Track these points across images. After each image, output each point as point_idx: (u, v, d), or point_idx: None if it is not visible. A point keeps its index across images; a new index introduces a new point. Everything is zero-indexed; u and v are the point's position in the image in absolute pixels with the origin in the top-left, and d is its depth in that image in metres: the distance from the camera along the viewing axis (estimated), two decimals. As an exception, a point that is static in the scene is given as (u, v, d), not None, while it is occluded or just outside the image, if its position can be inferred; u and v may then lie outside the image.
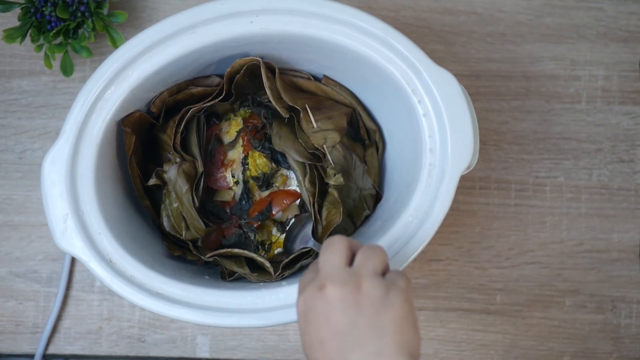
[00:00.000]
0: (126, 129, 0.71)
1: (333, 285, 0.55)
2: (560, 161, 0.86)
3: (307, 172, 0.75)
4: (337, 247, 0.58)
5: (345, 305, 0.55)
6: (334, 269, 0.57)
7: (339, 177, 0.75)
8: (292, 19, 0.69)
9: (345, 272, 0.57)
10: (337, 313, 0.55)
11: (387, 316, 0.55)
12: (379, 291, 0.56)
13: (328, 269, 0.57)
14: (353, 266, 0.57)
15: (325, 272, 0.57)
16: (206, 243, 0.78)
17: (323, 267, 0.57)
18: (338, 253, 0.58)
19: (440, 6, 0.85)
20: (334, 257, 0.58)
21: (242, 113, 0.79)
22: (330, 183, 0.76)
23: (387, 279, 0.57)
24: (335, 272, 0.56)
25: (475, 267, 0.85)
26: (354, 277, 0.56)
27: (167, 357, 0.85)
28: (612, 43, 0.86)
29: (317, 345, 0.56)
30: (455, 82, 0.68)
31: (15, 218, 0.85)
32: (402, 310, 0.56)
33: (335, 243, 0.59)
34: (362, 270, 0.57)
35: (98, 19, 0.79)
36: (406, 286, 0.57)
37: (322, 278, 0.56)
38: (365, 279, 0.56)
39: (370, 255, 0.58)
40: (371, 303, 0.55)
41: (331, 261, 0.57)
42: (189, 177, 0.74)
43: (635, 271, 0.86)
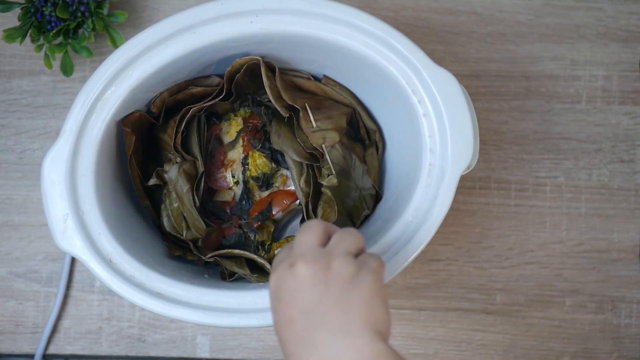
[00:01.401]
0: (126, 129, 0.71)
1: (304, 262, 0.56)
2: (560, 161, 0.86)
3: (303, 172, 0.76)
4: (313, 229, 0.59)
5: (314, 282, 0.55)
6: (307, 248, 0.57)
7: (332, 178, 0.76)
8: (292, 19, 0.69)
9: (317, 251, 0.57)
10: (305, 290, 0.55)
11: (356, 293, 0.55)
12: (349, 270, 0.56)
13: (301, 248, 0.58)
14: (327, 247, 0.58)
15: (298, 251, 0.57)
16: (206, 243, 0.78)
17: (297, 247, 0.58)
18: (313, 234, 0.59)
19: (440, 6, 0.85)
20: (308, 237, 0.58)
21: (242, 113, 0.79)
22: (323, 184, 0.76)
23: (359, 259, 0.58)
24: (307, 251, 0.57)
25: (475, 267, 0.85)
26: (326, 256, 0.57)
27: (167, 357, 0.85)
28: (612, 43, 0.86)
29: (285, 323, 0.56)
30: (455, 82, 0.68)
31: (15, 218, 0.85)
32: (371, 289, 0.56)
33: (312, 225, 0.60)
34: (335, 249, 0.57)
35: (98, 19, 0.79)
36: (378, 267, 0.58)
37: (294, 256, 0.57)
38: (337, 257, 0.57)
39: (345, 237, 0.59)
40: (340, 281, 0.55)
41: (305, 241, 0.58)
42: (189, 177, 0.74)
43: (635, 271, 0.86)
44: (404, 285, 0.85)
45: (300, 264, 0.56)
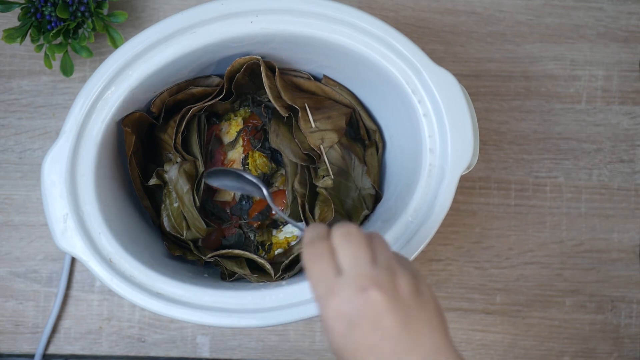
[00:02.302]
0: (126, 129, 0.71)
1: (377, 288, 0.53)
2: (560, 161, 0.86)
3: (297, 173, 0.76)
4: (359, 240, 0.55)
5: (393, 307, 0.53)
6: (368, 267, 0.54)
7: (327, 180, 0.76)
8: (292, 19, 0.69)
9: (379, 270, 0.54)
10: (387, 316, 0.53)
11: (429, 310, 0.54)
12: (412, 284, 0.54)
13: (361, 268, 0.54)
14: (378, 260, 0.54)
15: (359, 272, 0.53)
16: (206, 243, 0.78)
17: (354, 265, 0.54)
18: (362, 247, 0.55)
19: (440, 6, 0.85)
20: (360, 252, 0.54)
21: (242, 113, 0.79)
22: (318, 185, 0.76)
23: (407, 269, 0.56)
24: (371, 272, 0.53)
25: (475, 267, 0.85)
26: (389, 274, 0.54)
27: (167, 357, 0.85)
28: (612, 43, 0.86)
29: (365, 350, 0.53)
30: (455, 82, 0.68)
31: (15, 218, 0.85)
32: (434, 298, 0.55)
33: (353, 234, 0.55)
34: (391, 264, 0.54)
35: (98, 19, 0.79)
36: (417, 270, 0.57)
37: (358, 278, 0.53)
38: (397, 273, 0.54)
39: (384, 246, 0.56)
40: (413, 299, 0.54)
41: (359, 256, 0.54)
42: (190, 176, 0.74)
43: (635, 271, 0.86)
44: (404, 285, 0.85)
45: (374, 291, 0.52)
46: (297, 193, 0.75)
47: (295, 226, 0.68)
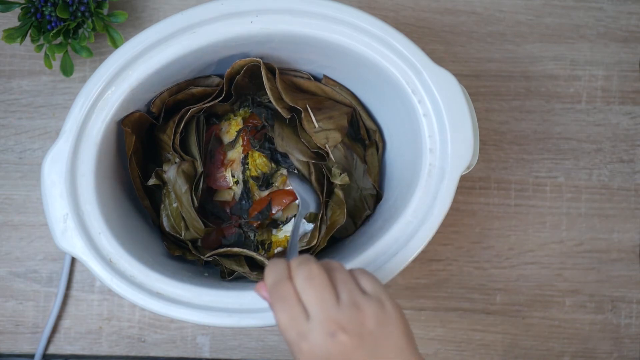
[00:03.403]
0: (126, 129, 0.71)
1: (344, 331, 0.56)
2: (560, 161, 0.86)
3: (312, 172, 0.76)
4: (321, 281, 0.58)
5: (361, 343, 0.57)
6: (333, 310, 0.57)
7: (344, 177, 0.75)
8: (292, 19, 0.69)
9: (344, 310, 0.57)
10: (356, 353, 0.56)
11: (396, 333, 0.58)
12: (377, 315, 0.57)
13: (326, 311, 0.57)
14: (342, 299, 0.57)
15: (326, 317, 0.57)
16: (206, 243, 0.78)
17: (320, 310, 0.57)
18: (326, 289, 0.57)
19: (440, 6, 0.85)
20: (324, 294, 0.57)
21: (241, 113, 0.79)
22: (337, 182, 0.76)
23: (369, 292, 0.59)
24: (336, 315, 0.57)
25: (475, 267, 0.85)
26: (354, 312, 0.57)
27: (167, 357, 0.85)
28: (612, 43, 0.86)
29: None
30: (455, 82, 0.68)
31: (15, 218, 0.85)
32: (397, 315, 0.58)
33: (315, 276, 0.58)
34: (354, 300, 0.57)
35: (98, 19, 0.79)
36: (380, 286, 0.59)
37: (326, 323, 0.56)
38: (361, 309, 0.57)
39: (345, 279, 0.59)
40: (380, 325, 0.57)
41: (324, 300, 0.57)
42: (188, 177, 0.74)
43: (635, 271, 0.86)
44: (404, 285, 0.85)
45: (341, 335, 0.56)
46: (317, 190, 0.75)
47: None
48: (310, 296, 0.57)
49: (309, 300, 0.57)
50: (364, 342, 0.56)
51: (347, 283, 0.58)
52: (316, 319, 0.57)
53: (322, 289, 0.57)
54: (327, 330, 0.56)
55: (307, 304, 0.57)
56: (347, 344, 0.56)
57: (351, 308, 0.57)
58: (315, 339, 0.56)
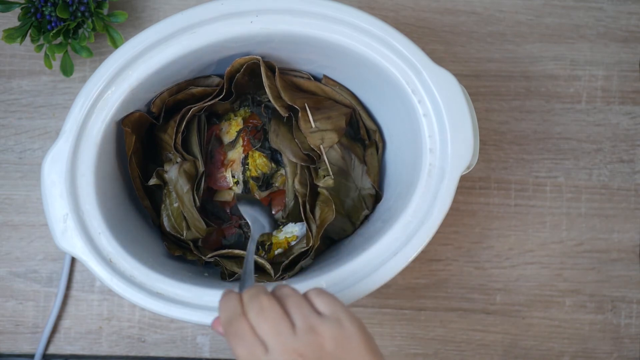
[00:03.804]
0: (126, 128, 0.71)
1: (303, 358, 0.56)
2: (560, 161, 0.86)
3: (297, 173, 0.76)
4: (273, 312, 0.58)
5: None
6: (289, 339, 0.57)
7: (327, 180, 0.76)
8: (292, 19, 0.69)
9: (301, 337, 0.57)
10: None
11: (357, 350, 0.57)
12: (334, 335, 0.57)
13: (283, 342, 0.56)
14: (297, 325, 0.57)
15: (283, 347, 0.56)
16: (206, 243, 0.78)
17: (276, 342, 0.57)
18: (279, 319, 0.57)
19: (440, 6, 0.85)
20: (278, 325, 0.57)
21: (242, 113, 0.79)
22: (319, 185, 0.76)
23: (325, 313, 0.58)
24: (293, 343, 0.56)
25: (475, 267, 0.85)
26: (311, 337, 0.57)
27: (167, 357, 0.85)
28: (612, 43, 0.86)
29: None
30: (455, 82, 0.68)
31: (15, 218, 0.85)
32: (357, 328, 0.58)
33: (266, 308, 0.58)
34: (309, 324, 0.57)
35: (98, 19, 0.79)
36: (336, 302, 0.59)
37: (284, 354, 0.56)
38: (318, 332, 0.57)
39: (297, 304, 0.58)
40: (339, 349, 0.57)
41: (279, 331, 0.57)
42: (189, 176, 0.74)
43: (635, 271, 0.86)
44: (404, 285, 0.85)
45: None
46: (297, 193, 0.75)
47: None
48: (265, 329, 0.57)
49: (264, 333, 0.57)
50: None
51: (301, 308, 0.58)
52: (274, 351, 0.56)
53: (275, 320, 0.57)
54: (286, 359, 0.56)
55: (264, 337, 0.57)
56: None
57: (307, 333, 0.57)
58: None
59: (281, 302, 0.59)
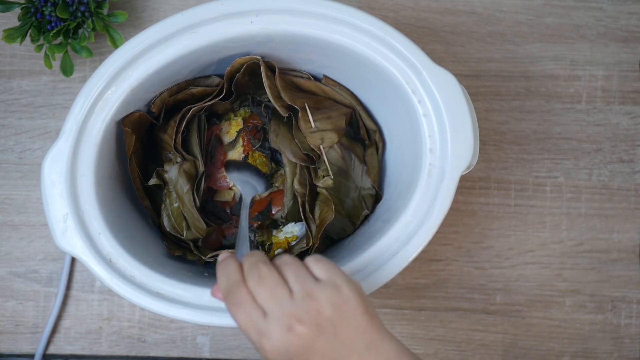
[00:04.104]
0: (126, 128, 0.71)
1: (299, 323, 0.57)
2: (560, 161, 0.86)
3: (296, 173, 0.76)
4: (272, 279, 0.59)
5: (320, 331, 0.58)
6: (287, 305, 0.58)
7: (327, 180, 0.76)
8: (292, 19, 0.69)
9: (298, 302, 0.58)
10: (317, 340, 0.58)
11: (354, 315, 0.58)
12: (332, 300, 0.58)
13: (281, 307, 0.58)
14: (294, 292, 0.58)
15: (281, 312, 0.58)
16: (206, 243, 0.78)
17: (274, 307, 0.58)
18: (277, 285, 0.58)
19: (440, 6, 0.85)
20: (276, 291, 0.58)
21: (242, 113, 0.79)
22: (318, 185, 0.76)
23: (322, 279, 0.59)
24: (290, 309, 0.58)
25: (475, 267, 0.85)
26: (308, 302, 0.58)
27: (167, 357, 0.85)
28: (612, 43, 0.86)
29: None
30: (455, 82, 0.68)
31: (15, 218, 0.85)
32: (354, 291, 0.59)
33: (265, 276, 0.59)
34: (307, 290, 0.58)
35: (98, 19, 0.79)
36: (334, 268, 0.60)
37: (282, 319, 0.57)
38: (315, 297, 0.58)
39: (295, 271, 0.59)
40: (337, 314, 0.58)
41: (277, 297, 0.58)
42: (190, 176, 0.74)
43: (635, 271, 0.86)
44: (404, 285, 0.85)
45: (299, 327, 0.57)
46: (297, 193, 0.75)
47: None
48: (263, 296, 0.58)
49: (263, 299, 0.58)
50: (323, 330, 0.58)
51: (298, 275, 0.59)
52: (272, 315, 0.58)
53: (273, 286, 0.58)
54: (284, 324, 0.57)
55: (262, 303, 0.58)
56: (306, 335, 0.57)
57: (305, 299, 0.58)
58: (274, 335, 0.57)
59: (280, 270, 0.60)
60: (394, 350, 0.59)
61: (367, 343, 0.59)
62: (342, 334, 0.58)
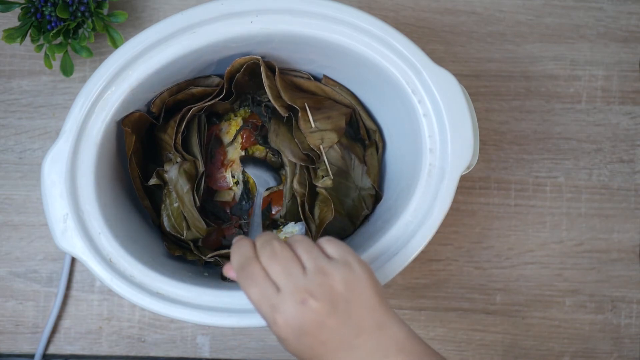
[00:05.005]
0: (126, 128, 0.71)
1: (312, 297, 0.58)
2: (560, 161, 0.86)
3: (296, 173, 0.76)
4: (285, 255, 0.59)
5: (332, 306, 0.58)
6: (300, 280, 0.58)
7: (326, 180, 0.76)
8: (292, 19, 0.69)
9: (311, 278, 0.58)
10: (329, 317, 0.58)
11: (365, 293, 0.59)
12: (344, 278, 0.59)
13: (294, 282, 0.58)
14: (307, 268, 0.59)
15: (294, 287, 0.58)
16: (206, 243, 0.78)
17: (287, 282, 0.58)
18: (290, 261, 0.59)
19: (440, 6, 0.85)
20: (289, 267, 0.59)
21: (242, 113, 0.79)
22: (318, 185, 0.76)
23: (334, 257, 0.60)
24: (304, 283, 0.58)
25: (475, 267, 0.85)
26: (321, 278, 0.58)
27: (167, 357, 0.85)
28: (612, 43, 0.86)
29: (318, 346, 0.59)
30: (455, 82, 0.68)
31: (15, 218, 0.85)
32: (365, 272, 0.60)
33: (277, 252, 0.60)
34: (319, 266, 0.59)
35: (98, 19, 0.79)
36: (345, 247, 0.61)
37: (295, 293, 0.58)
38: (328, 274, 0.59)
39: (308, 249, 0.60)
40: (348, 288, 0.59)
41: (291, 273, 0.59)
42: (190, 176, 0.74)
43: (635, 271, 0.86)
44: (404, 285, 0.85)
45: (311, 301, 0.58)
46: (296, 193, 0.76)
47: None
48: (276, 271, 0.59)
49: (276, 274, 0.59)
50: (336, 305, 0.58)
51: (311, 252, 0.60)
52: (286, 290, 0.58)
53: (286, 262, 0.59)
54: (297, 299, 0.58)
55: (275, 278, 0.59)
56: (319, 309, 0.58)
57: (318, 274, 0.58)
58: (287, 309, 0.58)
59: (292, 248, 0.60)
60: (403, 333, 0.60)
61: (377, 323, 0.59)
62: (354, 312, 0.58)
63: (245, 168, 0.77)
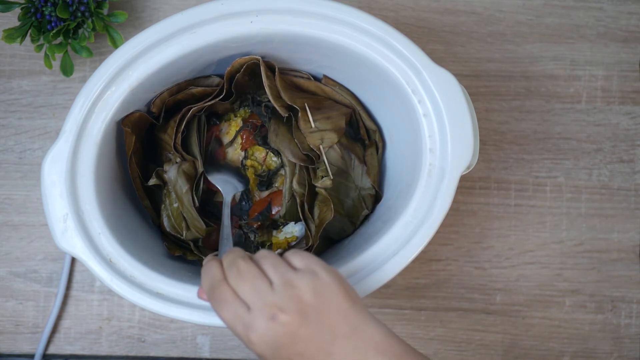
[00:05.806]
0: (126, 128, 0.71)
1: (281, 311, 0.58)
2: (560, 161, 0.86)
3: (295, 173, 0.76)
4: (250, 273, 0.60)
5: (303, 318, 0.58)
6: (268, 295, 0.59)
7: (326, 180, 0.76)
8: (292, 19, 0.69)
9: (278, 292, 0.59)
10: (301, 328, 0.58)
11: (334, 298, 0.59)
12: (311, 287, 0.59)
13: (262, 298, 0.58)
14: (274, 282, 0.59)
15: (263, 303, 0.58)
16: (207, 243, 0.78)
17: (256, 299, 0.59)
18: (256, 279, 0.59)
19: (440, 6, 0.85)
20: (256, 284, 0.59)
21: (242, 113, 0.79)
22: (317, 185, 0.76)
23: (300, 268, 0.60)
24: (272, 299, 0.58)
25: (475, 267, 0.85)
26: (288, 291, 0.59)
27: (167, 357, 0.85)
28: (612, 43, 0.86)
29: (297, 358, 0.59)
30: (455, 82, 0.68)
31: (15, 218, 0.85)
32: (333, 276, 0.60)
33: (243, 271, 0.60)
34: (285, 279, 0.59)
35: (98, 19, 0.79)
36: (311, 257, 0.61)
37: (265, 309, 0.58)
38: (294, 285, 0.59)
39: (273, 263, 0.60)
40: (317, 299, 0.59)
41: (258, 290, 0.59)
42: (189, 177, 0.74)
43: (635, 271, 0.86)
44: (404, 285, 0.85)
45: (281, 315, 0.58)
46: (295, 193, 0.76)
47: None
48: (244, 290, 0.59)
49: (244, 293, 0.59)
50: (306, 315, 0.58)
51: (277, 267, 0.60)
52: (255, 307, 0.58)
53: (254, 279, 0.59)
54: (267, 315, 0.58)
55: (245, 297, 0.59)
56: (289, 322, 0.58)
57: (285, 288, 0.59)
58: (259, 327, 0.58)
59: (258, 264, 0.61)
60: (380, 333, 0.60)
61: (351, 327, 0.59)
62: (325, 319, 0.59)
63: (209, 176, 0.76)
